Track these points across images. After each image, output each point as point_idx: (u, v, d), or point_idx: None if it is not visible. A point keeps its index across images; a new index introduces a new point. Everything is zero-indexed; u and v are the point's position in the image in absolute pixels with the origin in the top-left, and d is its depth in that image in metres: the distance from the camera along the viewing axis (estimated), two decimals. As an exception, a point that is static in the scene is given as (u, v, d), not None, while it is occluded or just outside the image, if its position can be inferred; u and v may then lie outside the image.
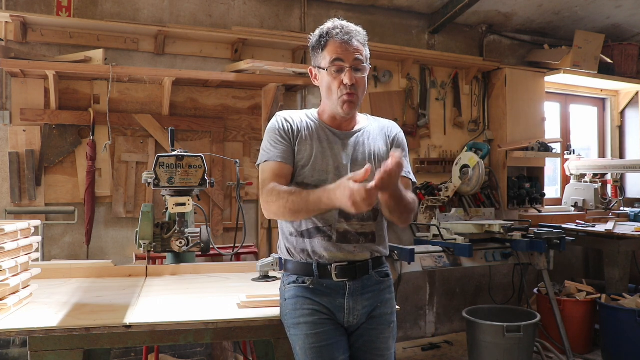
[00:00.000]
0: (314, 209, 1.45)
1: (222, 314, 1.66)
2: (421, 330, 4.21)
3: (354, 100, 1.57)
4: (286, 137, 1.61)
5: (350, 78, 1.54)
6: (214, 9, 3.55)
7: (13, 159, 3.00)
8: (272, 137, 1.62)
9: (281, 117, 1.65)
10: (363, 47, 1.60)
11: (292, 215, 1.51)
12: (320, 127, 1.64)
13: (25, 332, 1.48)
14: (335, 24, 1.59)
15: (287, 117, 1.65)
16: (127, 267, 2.29)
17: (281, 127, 1.62)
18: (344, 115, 1.60)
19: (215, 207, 3.42)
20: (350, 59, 1.55)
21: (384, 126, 1.73)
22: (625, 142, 5.17)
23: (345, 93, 1.55)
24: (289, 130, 1.62)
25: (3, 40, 2.98)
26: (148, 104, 3.30)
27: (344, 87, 1.55)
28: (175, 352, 3.29)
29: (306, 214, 1.49)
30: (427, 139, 4.18)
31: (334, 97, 1.58)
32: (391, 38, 4.10)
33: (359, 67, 1.57)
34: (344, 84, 1.55)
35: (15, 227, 1.70)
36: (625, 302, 3.62)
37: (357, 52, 1.57)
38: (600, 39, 4.45)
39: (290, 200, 1.47)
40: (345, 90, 1.55)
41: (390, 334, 1.65)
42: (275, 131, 1.62)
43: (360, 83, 1.58)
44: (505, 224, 3.39)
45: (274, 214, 1.54)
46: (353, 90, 1.56)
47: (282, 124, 1.63)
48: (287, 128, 1.62)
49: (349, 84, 1.54)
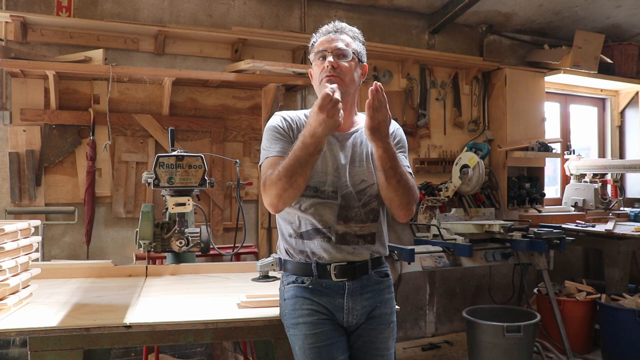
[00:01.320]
0: (303, 154, 1.43)
1: (222, 314, 1.66)
2: (421, 330, 4.21)
3: (336, 82, 1.56)
4: (285, 134, 1.61)
5: (332, 61, 1.58)
6: (214, 9, 3.56)
7: (13, 159, 3.00)
8: (271, 134, 1.62)
9: (280, 115, 1.67)
10: (352, 40, 1.64)
11: (289, 181, 1.44)
12: None
13: (25, 332, 1.48)
14: (329, 24, 1.66)
15: (286, 116, 1.66)
16: (127, 267, 2.29)
17: (280, 125, 1.63)
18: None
19: (215, 207, 3.43)
20: (332, 48, 1.60)
21: None
22: (625, 142, 5.17)
23: (326, 75, 1.58)
24: (287, 128, 1.62)
25: (3, 40, 2.98)
26: (148, 104, 3.30)
27: (325, 70, 1.59)
28: (175, 352, 3.29)
29: (300, 167, 1.44)
30: (427, 139, 4.18)
31: (319, 83, 1.61)
32: (391, 38, 4.10)
33: (342, 54, 1.60)
34: (325, 67, 1.59)
35: (15, 227, 1.70)
36: (625, 302, 3.62)
37: (342, 42, 1.61)
38: (600, 39, 4.45)
39: (281, 169, 1.46)
40: (325, 73, 1.58)
41: (390, 334, 1.65)
42: (274, 129, 1.63)
43: (343, 69, 1.59)
44: (505, 224, 3.39)
45: (276, 195, 1.48)
46: (335, 72, 1.58)
47: (281, 122, 1.64)
48: (286, 126, 1.63)
49: (328, 66, 1.58)
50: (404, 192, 1.54)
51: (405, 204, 1.57)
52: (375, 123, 1.44)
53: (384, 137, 1.47)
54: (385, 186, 1.54)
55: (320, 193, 1.57)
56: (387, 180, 1.52)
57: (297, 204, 1.58)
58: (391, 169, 1.51)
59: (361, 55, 1.66)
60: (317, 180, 1.57)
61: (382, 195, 1.59)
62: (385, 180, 1.53)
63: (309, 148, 1.43)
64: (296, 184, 1.46)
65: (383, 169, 1.51)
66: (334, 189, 1.58)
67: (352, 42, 1.64)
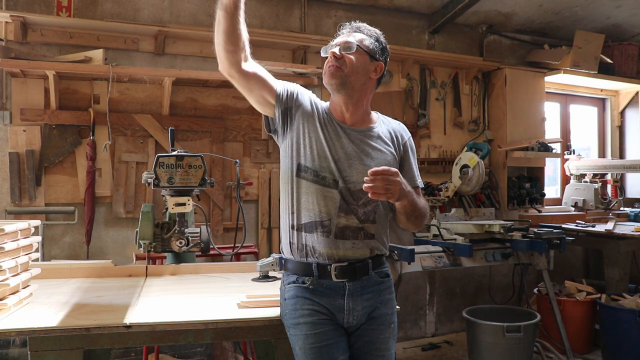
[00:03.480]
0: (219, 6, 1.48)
1: (222, 314, 1.66)
2: (421, 330, 4.21)
3: (336, 72, 1.60)
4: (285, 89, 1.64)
5: (333, 52, 1.60)
6: (214, 9, 3.54)
7: (13, 159, 3.00)
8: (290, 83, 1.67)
9: (301, 87, 1.70)
10: (367, 37, 1.66)
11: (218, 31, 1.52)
12: (329, 117, 1.66)
13: (25, 332, 1.48)
14: (351, 23, 1.71)
15: (312, 95, 1.70)
16: (127, 267, 2.29)
17: (290, 87, 1.65)
18: (327, 84, 1.63)
19: (215, 207, 3.42)
20: (340, 42, 1.64)
21: (394, 129, 1.74)
22: (625, 142, 5.17)
23: (329, 64, 1.61)
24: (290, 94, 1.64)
25: (3, 40, 2.98)
26: (148, 104, 3.30)
27: (328, 61, 1.62)
28: (175, 352, 3.29)
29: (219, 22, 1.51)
30: (427, 139, 4.18)
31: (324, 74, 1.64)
32: (391, 38, 4.02)
33: (348, 47, 1.61)
34: (329, 58, 1.62)
35: (15, 227, 1.70)
36: (625, 302, 3.62)
37: (350, 35, 1.65)
38: (600, 39, 4.45)
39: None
40: (328, 63, 1.61)
41: (391, 334, 1.65)
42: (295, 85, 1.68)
43: (347, 59, 1.60)
44: (505, 224, 3.39)
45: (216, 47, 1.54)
46: (337, 62, 1.60)
47: (294, 87, 1.67)
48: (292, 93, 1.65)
49: (331, 56, 1.60)
50: (421, 220, 1.65)
51: (420, 225, 1.68)
52: (396, 195, 1.47)
53: (406, 194, 1.51)
54: (405, 222, 1.64)
55: (320, 179, 1.58)
56: (407, 219, 1.63)
57: (299, 188, 1.60)
58: (412, 210, 1.59)
59: (373, 51, 1.65)
60: (318, 164, 1.59)
61: (399, 224, 1.68)
62: (407, 219, 1.63)
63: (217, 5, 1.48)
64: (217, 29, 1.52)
65: (405, 214, 1.59)
66: (335, 179, 1.58)
67: (366, 39, 1.65)
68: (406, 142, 1.73)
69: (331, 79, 1.61)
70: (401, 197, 1.48)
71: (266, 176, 3.58)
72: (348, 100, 1.64)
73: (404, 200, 1.51)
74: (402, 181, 1.47)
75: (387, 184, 1.42)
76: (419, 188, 1.73)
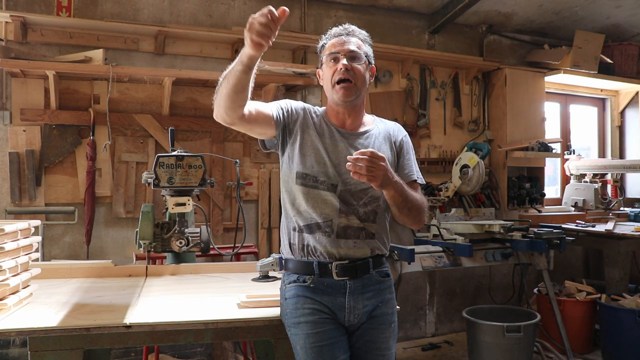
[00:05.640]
0: (232, 65, 1.43)
1: (222, 314, 1.66)
2: (421, 330, 4.21)
3: (349, 87, 1.59)
4: (282, 109, 1.64)
5: (345, 64, 1.59)
6: (214, 9, 3.55)
7: (13, 159, 3.00)
8: (282, 101, 1.68)
9: (301, 102, 1.71)
10: (362, 43, 1.66)
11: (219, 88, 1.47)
12: (326, 124, 1.67)
13: (25, 332, 1.48)
14: (339, 26, 1.68)
15: (303, 106, 1.69)
16: (127, 267, 2.29)
17: (288, 105, 1.66)
18: (340, 102, 1.62)
19: (215, 207, 3.42)
20: (345, 51, 1.61)
21: (390, 129, 1.74)
22: (625, 142, 5.17)
23: (340, 78, 1.59)
24: (289, 111, 1.65)
25: (3, 40, 2.98)
26: (148, 104, 3.30)
27: (338, 72, 1.60)
28: (175, 352, 3.29)
29: (226, 78, 1.45)
30: (427, 139, 4.18)
31: (331, 85, 1.62)
32: (391, 38, 4.09)
33: (355, 57, 1.61)
34: (338, 70, 1.60)
35: (15, 227, 1.70)
36: (625, 302, 3.62)
37: (354, 44, 1.63)
38: (600, 39, 4.45)
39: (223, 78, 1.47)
40: (339, 75, 1.59)
41: (391, 334, 1.65)
42: (285, 101, 1.68)
43: (356, 71, 1.61)
44: (505, 224, 3.39)
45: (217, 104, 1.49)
46: (348, 75, 1.59)
47: (293, 104, 1.68)
48: (290, 109, 1.65)
49: (342, 68, 1.59)
50: (416, 214, 1.61)
51: (418, 221, 1.64)
52: (379, 181, 1.44)
53: (392, 183, 1.48)
54: (399, 215, 1.61)
55: (319, 184, 1.59)
56: (400, 212, 1.59)
57: (299, 193, 1.60)
58: (403, 202, 1.55)
59: (370, 57, 1.68)
60: (317, 170, 1.59)
61: (395, 218, 1.65)
62: (399, 212, 1.59)
63: (242, 58, 1.40)
64: (221, 90, 1.47)
65: (395, 205, 1.56)
66: (335, 183, 1.59)
67: (363, 45, 1.66)
68: (402, 140, 1.73)
69: (347, 97, 1.60)
70: (386, 185, 1.46)
71: (266, 176, 3.58)
72: (352, 108, 1.66)
73: (390, 189, 1.49)
74: (387, 168, 1.45)
75: (371, 166, 1.41)
76: (418, 183, 1.71)
